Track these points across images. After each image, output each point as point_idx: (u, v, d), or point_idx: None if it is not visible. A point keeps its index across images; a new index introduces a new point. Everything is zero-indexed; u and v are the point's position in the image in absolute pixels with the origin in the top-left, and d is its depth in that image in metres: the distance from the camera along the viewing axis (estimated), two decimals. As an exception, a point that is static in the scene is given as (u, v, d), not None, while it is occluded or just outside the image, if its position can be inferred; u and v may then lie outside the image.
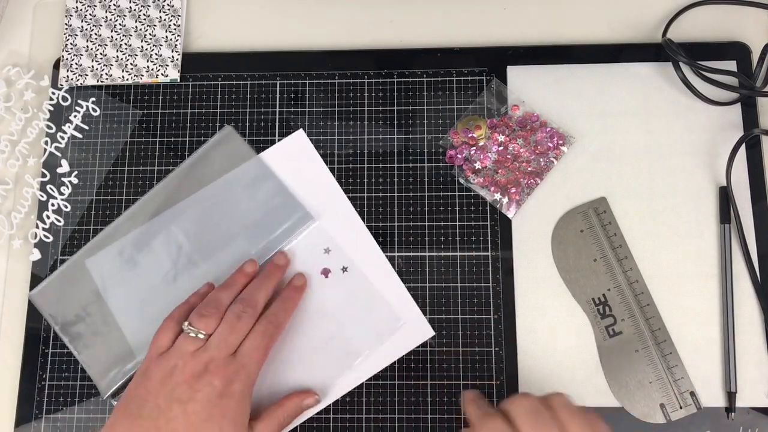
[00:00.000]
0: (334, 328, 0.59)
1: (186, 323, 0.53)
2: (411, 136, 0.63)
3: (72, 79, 0.66)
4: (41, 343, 0.60)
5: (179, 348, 0.53)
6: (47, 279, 0.61)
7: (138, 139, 0.64)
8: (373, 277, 0.60)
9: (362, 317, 0.59)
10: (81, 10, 0.67)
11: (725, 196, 0.60)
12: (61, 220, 0.63)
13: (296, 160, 0.63)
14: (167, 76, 0.65)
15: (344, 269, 0.60)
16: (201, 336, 0.53)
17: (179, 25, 0.67)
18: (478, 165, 0.62)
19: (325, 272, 0.60)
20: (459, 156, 0.62)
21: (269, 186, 0.62)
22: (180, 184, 0.62)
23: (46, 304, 0.60)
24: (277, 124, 0.64)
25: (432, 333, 0.59)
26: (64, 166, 0.64)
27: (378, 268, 0.60)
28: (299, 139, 0.63)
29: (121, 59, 0.66)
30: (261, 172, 0.62)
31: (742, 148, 0.61)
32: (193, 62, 0.66)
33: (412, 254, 0.61)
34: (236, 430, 0.51)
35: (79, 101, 0.65)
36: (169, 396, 0.50)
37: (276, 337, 0.55)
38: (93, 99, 0.65)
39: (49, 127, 0.65)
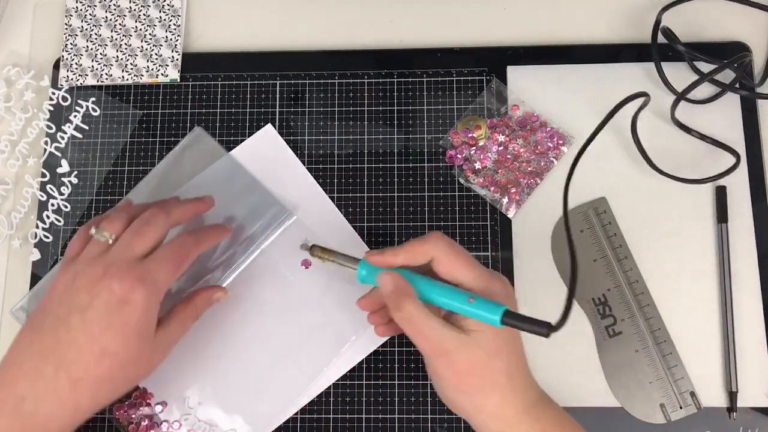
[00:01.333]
0: (320, 318, 0.59)
1: (94, 227, 0.51)
2: (411, 136, 0.63)
3: (72, 79, 0.66)
4: (41, 344, 0.60)
5: (86, 253, 0.50)
6: (27, 295, 0.60)
7: (138, 139, 0.64)
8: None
9: (346, 304, 0.59)
10: (81, 10, 0.67)
11: (722, 196, 0.60)
12: (61, 220, 0.63)
13: (267, 155, 0.63)
14: (167, 76, 0.65)
15: (324, 260, 0.60)
16: (107, 239, 0.50)
17: (179, 25, 0.67)
18: (478, 165, 0.62)
19: (306, 263, 0.60)
20: (459, 156, 0.62)
21: (243, 183, 0.62)
22: (154, 189, 0.62)
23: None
24: (277, 124, 0.64)
25: None
26: (64, 166, 0.64)
27: (358, 254, 0.60)
28: (268, 134, 0.64)
29: (121, 59, 0.66)
30: (233, 170, 0.62)
31: (742, 148, 0.61)
32: (193, 62, 0.66)
33: (412, 254, 0.61)
34: (140, 338, 0.48)
35: (79, 101, 0.65)
36: (69, 304, 0.47)
37: (192, 256, 0.51)
38: (93, 99, 0.65)
39: (49, 127, 0.65)
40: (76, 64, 0.66)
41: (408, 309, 0.47)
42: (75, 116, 0.65)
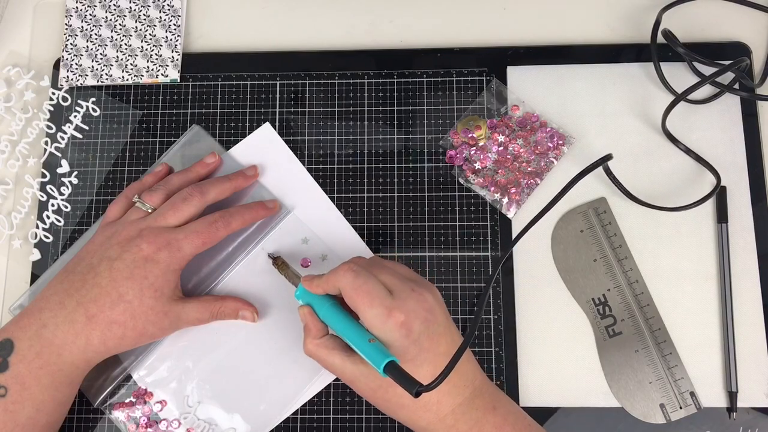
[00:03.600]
0: None
1: (137, 196, 0.57)
2: (411, 136, 0.63)
3: (72, 79, 0.66)
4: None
5: (126, 217, 0.57)
6: (26, 292, 0.60)
7: (138, 139, 0.64)
8: None
9: None
10: (81, 10, 0.67)
11: (722, 196, 0.60)
12: (61, 220, 0.63)
13: (265, 153, 0.63)
14: (167, 76, 0.65)
15: (323, 258, 0.60)
16: (146, 208, 0.56)
17: (179, 25, 0.67)
18: (478, 165, 0.62)
19: (305, 262, 0.60)
20: (459, 156, 0.62)
21: None
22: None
23: None
24: (277, 124, 0.64)
25: None
26: (64, 166, 0.64)
27: (357, 253, 0.60)
28: (266, 132, 0.64)
29: (121, 59, 0.66)
30: (232, 168, 0.62)
31: (742, 148, 0.61)
32: (193, 62, 0.66)
33: (412, 254, 0.61)
34: (156, 295, 0.53)
35: (79, 101, 0.65)
36: (102, 255, 0.54)
37: (219, 235, 0.56)
38: (93, 99, 0.65)
39: (49, 127, 0.65)
40: (76, 64, 0.66)
41: (308, 348, 0.52)
42: (75, 116, 0.65)
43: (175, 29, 0.67)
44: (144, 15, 0.67)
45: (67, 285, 0.53)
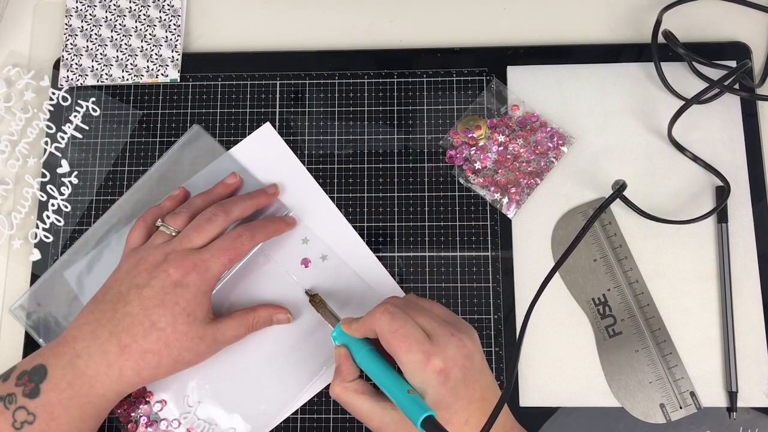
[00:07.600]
0: (318, 318, 0.59)
1: (160, 221, 0.56)
2: (411, 136, 0.63)
3: (72, 79, 0.66)
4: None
5: (150, 242, 0.56)
6: (26, 293, 0.61)
7: (138, 139, 0.64)
8: (353, 263, 0.60)
9: (346, 302, 0.59)
10: (81, 10, 0.67)
11: (722, 196, 0.60)
12: (61, 220, 0.63)
13: (266, 153, 0.63)
14: (167, 76, 0.65)
15: (324, 258, 0.60)
16: (171, 232, 0.55)
17: (179, 25, 0.67)
18: (478, 165, 0.62)
19: (305, 262, 0.60)
20: (459, 156, 0.62)
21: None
22: (153, 187, 0.63)
23: (27, 317, 0.60)
24: (277, 124, 0.64)
25: None
26: (64, 166, 0.64)
27: (357, 253, 0.61)
28: (267, 132, 0.64)
29: (121, 59, 0.66)
30: (232, 168, 0.62)
31: (742, 148, 0.61)
32: (193, 62, 0.66)
33: (412, 254, 0.61)
34: (189, 320, 0.52)
35: (79, 101, 0.65)
36: (130, 282, 0.53)
37: (245, 250, 0.55)
38: (93, 99, 0.65)
39: (49, 127, 0.65)
40: (76, 64, 0.66)
41: (335, 390, 0.51)
42: (75, 116, 0.65)
43: (175, 29, 0.67)
44: (144, 15, 0.67)
45: (99, 315, 0.52)
